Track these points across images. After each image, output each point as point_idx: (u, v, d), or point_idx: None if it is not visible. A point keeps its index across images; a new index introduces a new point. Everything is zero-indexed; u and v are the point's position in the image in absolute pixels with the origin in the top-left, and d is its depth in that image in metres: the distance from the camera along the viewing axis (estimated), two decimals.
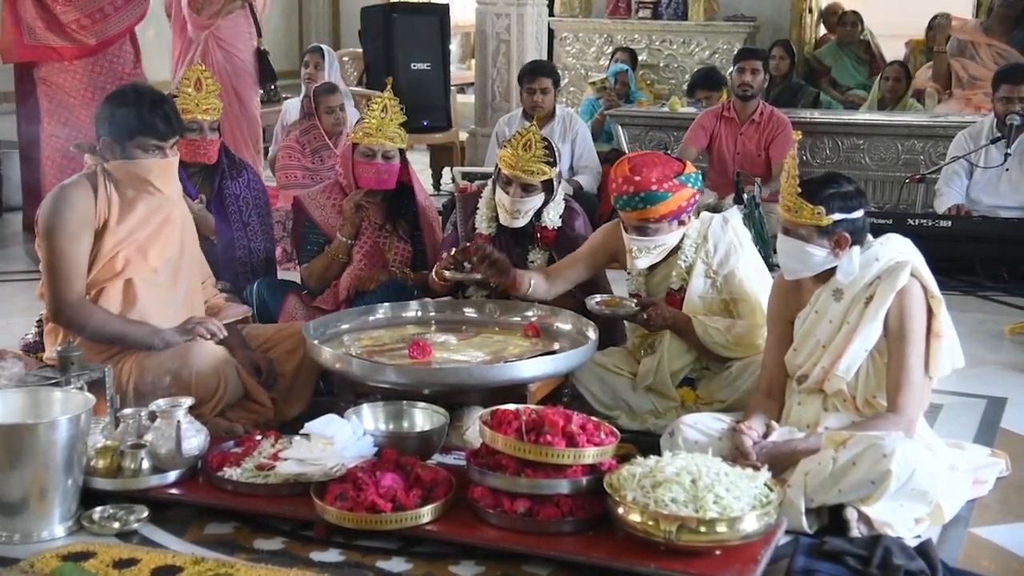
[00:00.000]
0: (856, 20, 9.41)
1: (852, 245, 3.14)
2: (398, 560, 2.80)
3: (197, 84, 4.19)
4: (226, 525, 2.98)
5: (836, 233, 3.12)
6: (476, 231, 4.17)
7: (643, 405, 3.73)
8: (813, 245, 3.14)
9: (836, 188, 3.14)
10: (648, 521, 2.67)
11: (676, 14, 10.05)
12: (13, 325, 4.74)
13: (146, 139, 3.47)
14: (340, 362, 3.42)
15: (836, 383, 3.18)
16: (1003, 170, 5.96)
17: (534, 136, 4.01)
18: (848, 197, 3.13)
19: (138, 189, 3.49)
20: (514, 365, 3.39)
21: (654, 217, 3.61)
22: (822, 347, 3.20)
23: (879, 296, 3.11)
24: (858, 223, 3.15)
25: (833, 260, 3.16)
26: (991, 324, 5.05)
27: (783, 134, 6.59)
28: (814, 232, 3.13)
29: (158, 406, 3.16)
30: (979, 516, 3.12)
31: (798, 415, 3.25)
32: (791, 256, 3.20)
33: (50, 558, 2.76)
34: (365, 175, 4.24)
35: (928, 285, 3.16)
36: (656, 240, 3.67)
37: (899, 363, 3.09)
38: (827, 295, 3.21)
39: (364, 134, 4.21)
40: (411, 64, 8.53)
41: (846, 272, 3.15)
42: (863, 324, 3.12)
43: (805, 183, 3.17)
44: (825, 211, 3.10)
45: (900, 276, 3.10)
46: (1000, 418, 3.91)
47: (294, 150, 6.44)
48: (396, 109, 4.24)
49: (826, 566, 2.72)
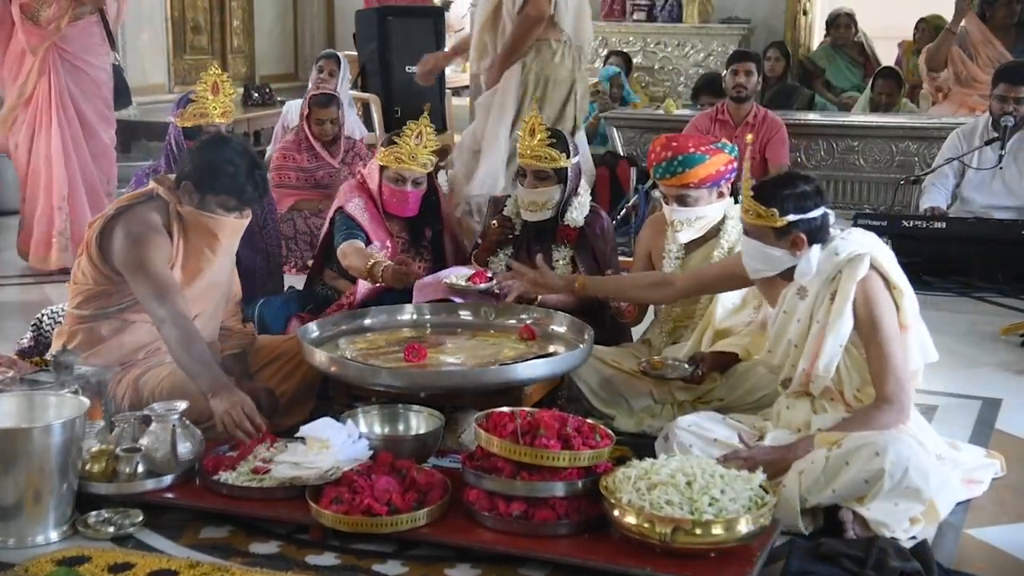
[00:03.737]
0: (850, 22, 9.43)
1: (812, 244, 3.15)
2: (394, 563, 2.80)
3: (215, 88, 4.20)
4: (221, 529, 2.98)
5: (792, 234, 3.13)
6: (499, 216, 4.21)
7: (640, 399, 3.74)
8: (771, 246, 3.16)
9: (790, 189, 3.15)
10: (644, 523, 2.67)
11: (671, 16, 10.08)
12: (7, 330, 4.74)
13: (230, 199, 3.43)
14: (335, 365, 3.42)
15: (820, 383, 3.19)
16: (997, 170, 5.97)
17: (537, 122, 4.04)
18: (803, 197, 3.13)
19: (202, 241, 3.46)
20: (510, 368, 3.39)
21: (694, 181, 3.70)
22: (795, 347, 3.22)
23: (841, 290, 3.12)
24: (815, 223, 3.15)
25: (792, 260, 3.17)
26: (985, 325, 5.05)
27: (778, 136, 6.63)
28: (770, 233, 3.15)
29: (153, 410, 3.16)
30: (974, 517, 3.12)
31: (788, 418, 3.25)
32: (752, 257, 3.24)
33: (45, 563, 2.75)
34: (391, 201, 4.23)
35: (889, 276, 3.16)
36: (697, 211, 3.75)
37: (878, 352, 3.09)
38: (792, 294, 3.22)
39: (395, 159, 4.14)
40: (405, 67, 8.52)
41: (802, 272, 3.17)
42: (832, 320, 3.12)
43: (758, 185, 3.19)
44: (779, 212, 3.11)
45: (859, 267, 3.11)
46: (995, 419, 3.91)
47: (290, 151, 6.44)
48: (431, 135, 4.17)
49: (822, 568, 2.72)
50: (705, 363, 3.60)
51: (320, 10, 11.89)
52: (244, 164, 3.43)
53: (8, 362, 3.90)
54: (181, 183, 3.45)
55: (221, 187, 3.41)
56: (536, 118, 4.08)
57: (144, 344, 3.51)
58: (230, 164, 3.40)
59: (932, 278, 5.78)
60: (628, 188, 7.00)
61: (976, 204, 6.02)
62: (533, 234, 4.19)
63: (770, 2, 10.13)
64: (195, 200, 3.43)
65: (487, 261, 4.21)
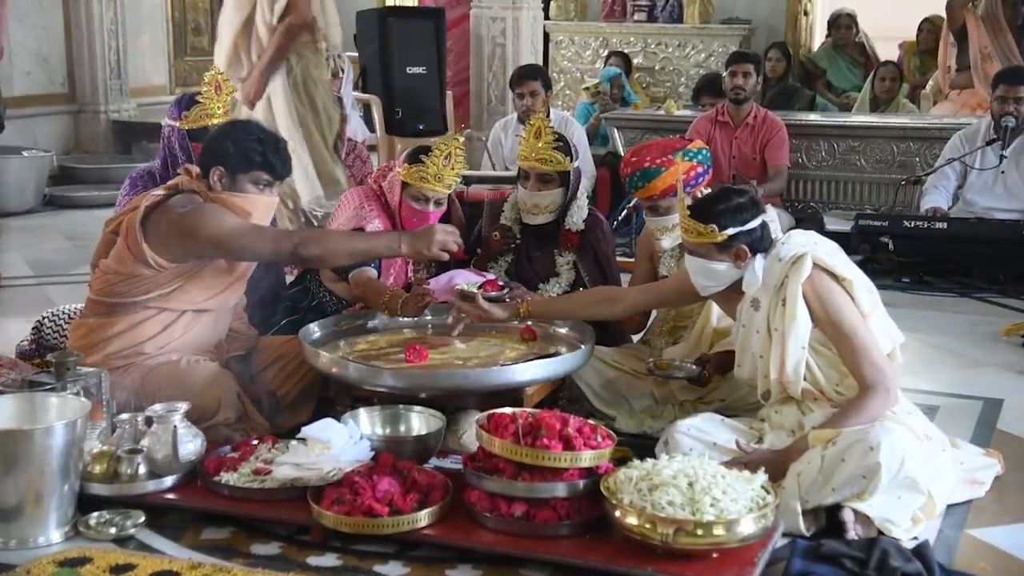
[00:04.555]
0: (851, 23, 9.43)
1: (755, 254, 3.18)
2: (395, 564, 2.80)
3: (217, 87, 4.19)
4: (223, 530, 2.98)
5: (734, 247, 3.17)
6: (500, 226, 4.19)
7: (642, 400, 3.75)
8: (714, 261, 3.20)
9: (726, 203, 3.19)
10: (645, 524, 2.67)
11: (671, 17, 10.08)
12: (9, 331, 4.74)
13: (263, 174, 3.50)
14: (337, 366, 3.42)
15: (795, 387, 3.20)
16: (998, 172, 5.98)
17: (544, 124, 4.03)
18: (739, 210, 3.17)
19: None
20: (511, 369, 3.39)
21: (656, 193, 3.74)
22: (760, 358, 3.24)
23: (789, 293, 3.14)
24: (755, 234, 3.19)
25: (738, 272, 3.21)
26: (987, 326, 5.06)
27: (777, 136, 6.63)
28: (712, 249, 3.19)
29: (154, 411, 3.16)
30: (975, 517, 3.12)
31: (779, 422, 3.26)
32: (698, 274, 3.28)
33: (46, 564, 2.75)
34: (410, 219, 4.02)
35: (835, 270, 3.17)
36: (671, 218, 3.75)
37: (848, 345, 3.10)
38: (747, 307, 3.26)
39: (420, 178, 3.94)
40: (406, 68, 8.53)
41: (749, 283, 3.21)
42: (788, 324, 3.14)
43: (694, 204, 3.27)
44: (718, 228, 3.15)
45: (802, 268, 3.13)
46: (996, 419, 3.91)
47: None
48: (460, 157, 3.95)
49: (823, 568, 2.72)
50: (711, 364, 3.60)
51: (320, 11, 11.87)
52: (269, 139, 3.54)
53: (9, 363, 3.89)
54: (209, 171, 3.51)
55: (251, 164, 3.49)
56: (542, 120, 4.06)
57: (153, 335, 3.52)
58: (257, 142, 3.50)
59: (933, 278, 5.79)
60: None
61: (978, 206, 6.03)
62: (533, 239, 4.17)
63: (771, 2, 10.13)
64: (227, 183, 3.49)
65: (488, 267, 4.19)
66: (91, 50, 8.98)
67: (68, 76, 9.02)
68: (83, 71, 9.04)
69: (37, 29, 8.66)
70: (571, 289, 4.09)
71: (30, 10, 8.57)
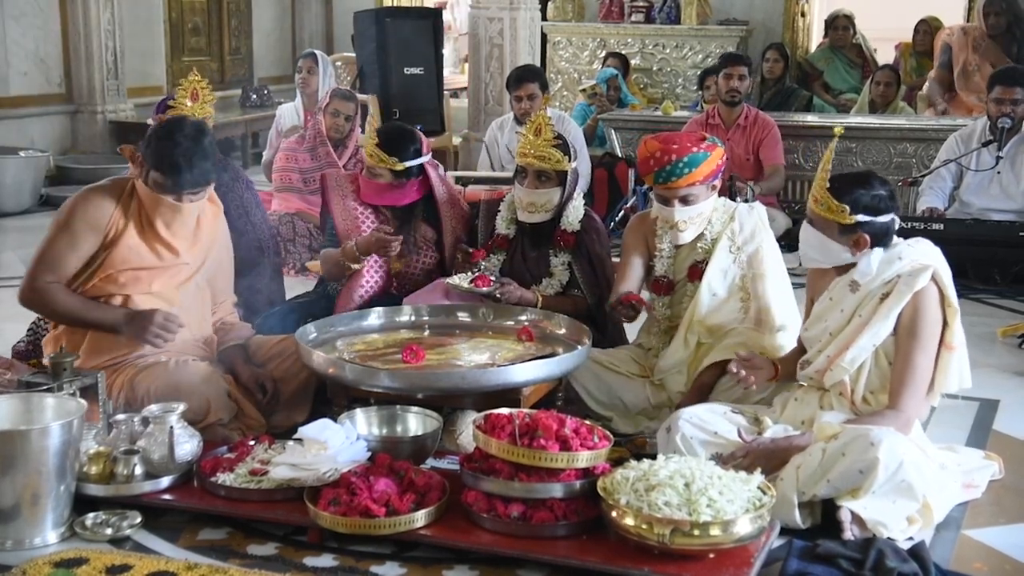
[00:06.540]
0: (848, 24, 9.44)
1: (874, 247, 3.16)
2: (392, 565, 2.80)
3: (193, 95, 4.19)
4: (219, 531, 2.98)
5: (857, 233, 3.15)
6: (496, 233, 4.18)
7: (638, 401, 3.74)
8: (833, 240, 3.18)
9: (866, 190, 3.16)
10: (642, 525, 2.67)
11: (669, 18, 10.09)
12: (5, 331, 4.73)
13: (166, 180, 3.46)
14: (333, 367, 3.42)
15: (838, 374, 3.19)
16: (994, 173, 5.98)
17: (544, 121, 4.02)
18: (877, 200, 3.16)
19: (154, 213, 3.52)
20: (508, 369, 3.39)
21: (699, 179, 3.68)
22: (829, 335, 3.23)
23: (896, 294, 3.13)
24: (882, 227, 3.17)
25: (850, 257, 3.19)
26: (983, 327, 5.06)
27: (770, 136, 6.66)
28: (836, 228, 3.17)
29: (151, 412, 3.16)
30: (972, 518, 3.13)
31: (794, 412, 3.26)
32: (811, 246, 3.26)
33: (42, 565, 2.75)
34: (366, 191, 4.23)
35: (947, 293, 3.17)
36: (698, 207, 3.75)
37: (906, 361, 3.10)
38: (843, 285, 3.23)
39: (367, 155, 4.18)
40: (404, 68, 8.54)
41: (862, 272, 3.19)
42: (875, 320, 3.14)
43: (836, 178, 3.20)
44: (850, 210, 3.13)
45: (920, 278, 3.12)
46: (992, 420, 3.92)
47: (293, 152, 6.42)
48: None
49: (819, 569, 2.72)
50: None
51: (318, 12, 11.89)
52: (183, 149, 3.44)
53: (5, 364, 3.89)
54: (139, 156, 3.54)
55: (158, 166, 3.46)
56: (542, 118, 4.05)
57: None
58: (172, 146, 3.43)
59: None
60: (626, 189, 7.00)
61: (974, 207, 6.03)
62: (529, 238, 4.16)
63: (768, 4, 10.14)
64: (143, 175, 3.51)
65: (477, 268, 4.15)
66: (88, 50, 8.96)
67: (65, 76, 9.00)
68: (80, 71, 9.03)
69: (34, 29, 8.64)
70: (565, 290, 4.08)
71: (27, 10, 8.55)
